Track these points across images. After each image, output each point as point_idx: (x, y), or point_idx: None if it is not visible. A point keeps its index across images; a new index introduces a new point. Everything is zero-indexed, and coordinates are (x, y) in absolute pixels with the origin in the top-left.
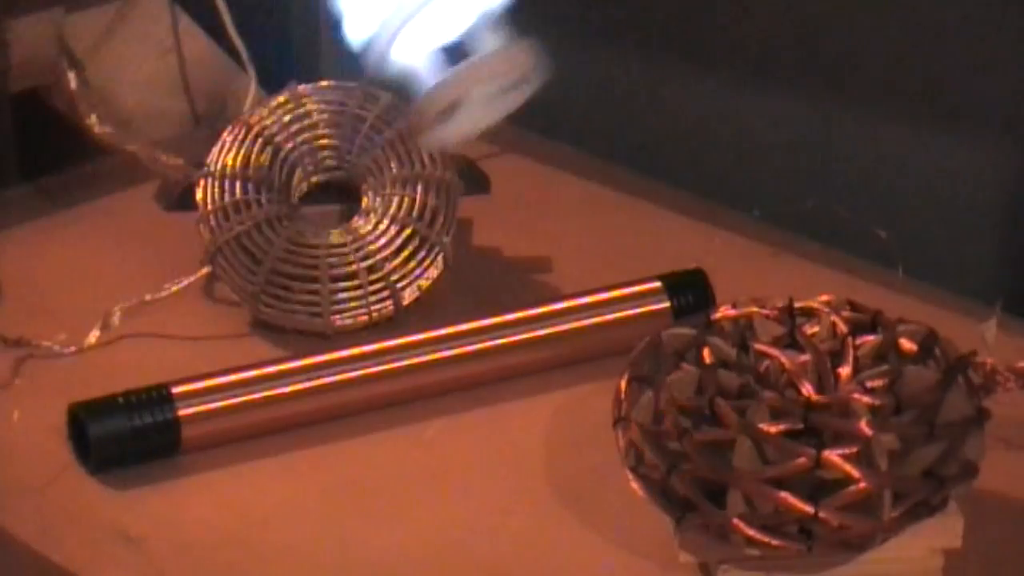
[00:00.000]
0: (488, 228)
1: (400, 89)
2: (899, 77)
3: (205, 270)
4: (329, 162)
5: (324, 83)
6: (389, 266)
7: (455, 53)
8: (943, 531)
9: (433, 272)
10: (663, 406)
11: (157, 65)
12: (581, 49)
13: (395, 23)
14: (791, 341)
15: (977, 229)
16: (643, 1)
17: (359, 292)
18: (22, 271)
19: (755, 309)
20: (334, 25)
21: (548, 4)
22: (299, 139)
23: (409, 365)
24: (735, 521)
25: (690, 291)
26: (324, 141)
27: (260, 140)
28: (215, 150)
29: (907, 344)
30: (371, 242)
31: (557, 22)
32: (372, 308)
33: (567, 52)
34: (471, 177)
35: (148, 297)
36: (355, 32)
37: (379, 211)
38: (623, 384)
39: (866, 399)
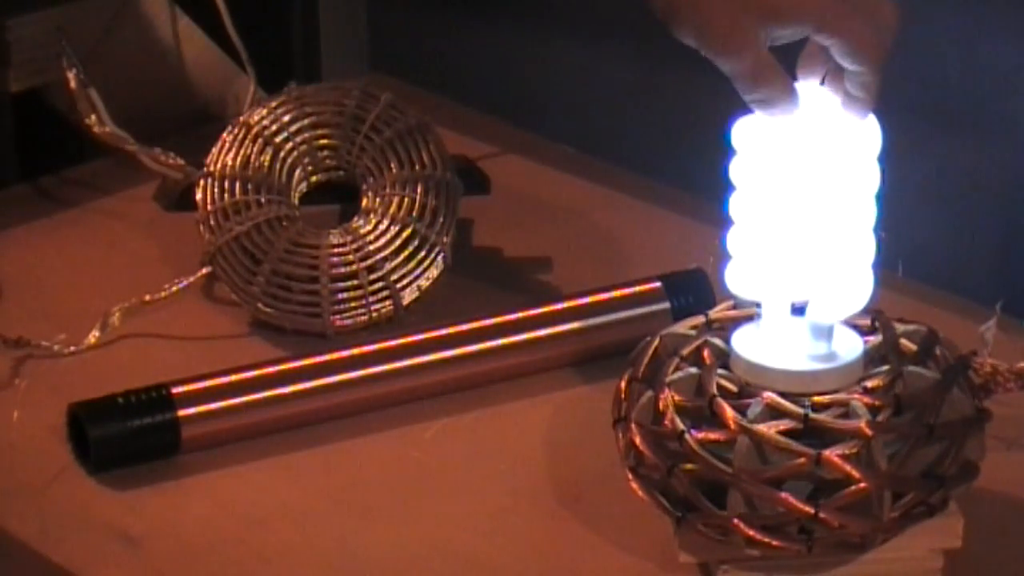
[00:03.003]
0: (488, 228)
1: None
2: (898, 77)
3: (205, 270)
4: (329, 162)
5: (324, 83)
6: (389, 266)
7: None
8: (943, 531)
9: (433, 272)
10: (663, 406)
11: (157, 65)
12: (581, 49)
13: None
14: None
15: (977, 229)
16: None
17: (359, 292)
18: (22, 271)
19: (755, 309)
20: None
21: (549, 3)
22: (299, 139)
23: (409, 365)
24: (735, 521)
25: (690, 291)
26: (324, 141)
27: (260, 140)
28: (215, 150)
29: (907, 344)
30: (371, 242)
31: (557, 21)
32: (372, 308)
33: (567, 52)
34: (471, 177)
35: (148, 297)
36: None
37: (379, 211)
38: (623, 384)
39: (866, 399)
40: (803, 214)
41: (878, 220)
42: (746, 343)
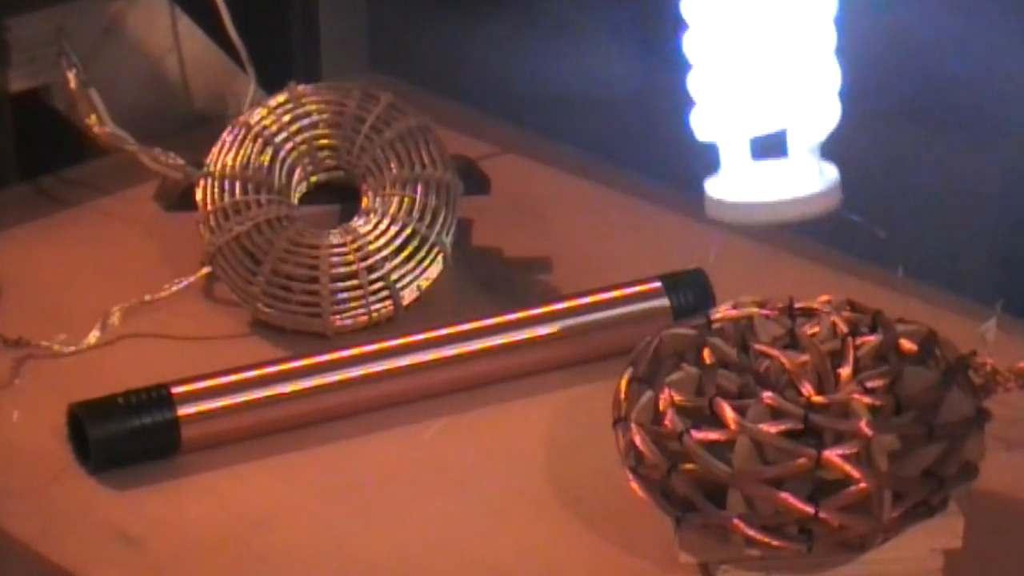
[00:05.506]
0: (488, 228)
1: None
2: (899, 77)
3: (205, 270)
4: (329, 162)
5: (324, 83)
6: (389, 266)
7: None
8: (943, 531)
9: (433, 272)
10: (663, 406)
11: (157, 65)
12: (581, 49)
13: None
14: (791, 341)
15: (977, 229)
16: (642, 1)
17: (359, 292)
18: (22, 271)
19: (755, 309)
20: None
21: (549, 4)
22: (299, 139)
23: (409, 365)
24: (735, 521)
25: (690, 291)
26: (324, 141)
27: (260, 140)
28: (215, 150)
29: (907, 344)
30: (371, 242)
31: (556, 22)
32: (372, 308)
33: (567, 52)
34: (471, 177)
35: (148, 297)
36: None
37: (379, 211)
38: (623, 384)
39: (866, 399)
40: (765, 45)
41: (878, 220)
42: (725, 188)
